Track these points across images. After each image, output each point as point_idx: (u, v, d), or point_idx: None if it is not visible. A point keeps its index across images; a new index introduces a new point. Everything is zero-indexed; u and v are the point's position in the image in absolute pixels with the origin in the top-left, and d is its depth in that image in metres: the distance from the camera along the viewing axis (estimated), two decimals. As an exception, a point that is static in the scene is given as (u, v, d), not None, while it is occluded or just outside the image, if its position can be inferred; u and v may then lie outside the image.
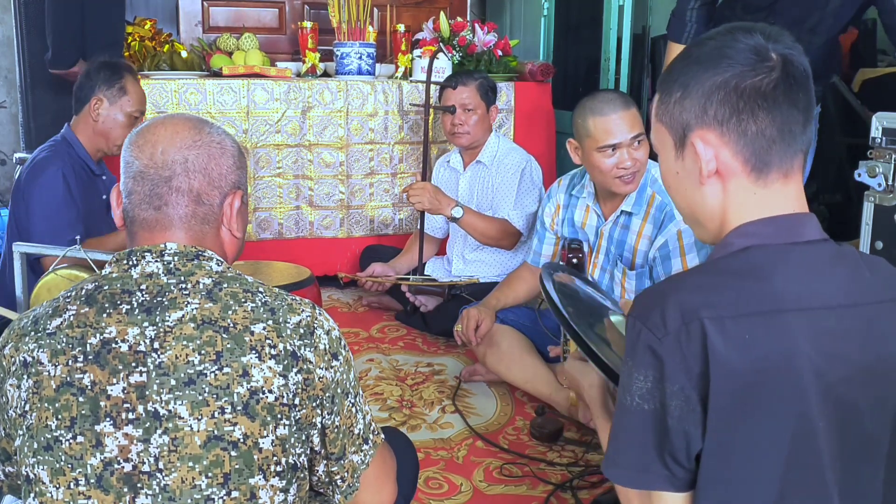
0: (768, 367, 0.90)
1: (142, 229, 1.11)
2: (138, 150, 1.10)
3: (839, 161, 3.85)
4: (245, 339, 1.03)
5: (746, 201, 0.99)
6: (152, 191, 1.09)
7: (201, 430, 0.99)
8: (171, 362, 1.00)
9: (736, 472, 0.91)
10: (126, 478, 0.99)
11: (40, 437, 1.01)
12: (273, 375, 1.02)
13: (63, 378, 1.01)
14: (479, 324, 2.51)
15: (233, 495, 1.01)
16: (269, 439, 1.02)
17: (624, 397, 0.96)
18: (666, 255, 2.21)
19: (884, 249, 1.90)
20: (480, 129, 3.08)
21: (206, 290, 1.05)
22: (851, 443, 0.95)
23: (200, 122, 1.14)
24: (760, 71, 0.96)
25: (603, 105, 2.21)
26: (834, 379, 0.93)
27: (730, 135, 0.98)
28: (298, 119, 3.45)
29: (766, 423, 0.90)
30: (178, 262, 1.07)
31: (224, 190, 1.13)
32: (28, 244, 2.07)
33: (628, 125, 2.19)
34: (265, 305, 1.07)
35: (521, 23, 5.03)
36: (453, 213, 2.88)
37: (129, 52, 3.53)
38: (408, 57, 3.65)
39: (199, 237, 1.11)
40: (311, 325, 1.09)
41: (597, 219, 2.39)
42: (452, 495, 1.98)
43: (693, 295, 0.94)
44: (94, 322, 1.03)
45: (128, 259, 1.08)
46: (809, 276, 0.95)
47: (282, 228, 3.53)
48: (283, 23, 4.31)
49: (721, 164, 0.99)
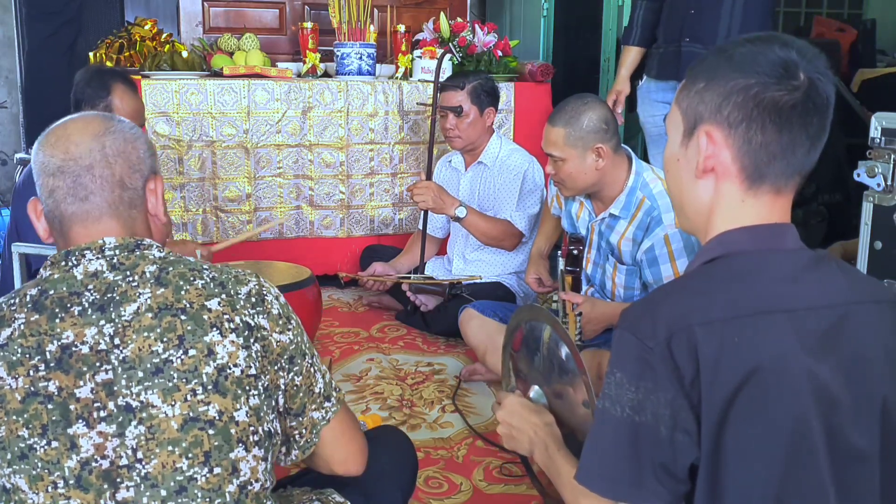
0: (760, 368, 0.90)
1: (73, 224, 1.08)
2: (51, 147, 1.08)
3: (838, 161, 3.85)
4: (204, 318, 1.04)
5: (733, 208, 1.01)
6: (75, 182, 1.07)
7: (176, 415, 1.00)
8: (136, 355, 1.01)
9: (734, 476, 0.91)
10: (105, 474, 1.00)
11: (13, 447, 1.00)
12: (236, 349, 1.04)
13: (27, 389, 1.00)
14: (542, 281, 2.57)
15: (215, 471, 1.02)
16: (244, 411, 1.04)
17: (613, 407, 0.95)
18: (653, 258, 2.20)
19: (883, 249, 1.90)
20: (473, 132, 3.07)
21: (154, 276, 1.05)
22: (845, 441, 0.95)
23: (106, 115, 1.13)
24: (784, 87, 0.95)
25: (555, 109, 2.28)
26: (823, 378, 0.93)
27: (735, 138, 0.98)
28: (299, 119, 3.45)
29: (763, 425, 0.90)
30: (120, 257, 1.06)
31: (144, 174, 1.12)
32: (27, 245, 2.07)
33: (546, 139, 2.25)
34: (214, 280, 1.08)
35: (521, 23, 5.04)
36: (457, 212, 2.89)
37: (129, 52, 3.54)
38: (408, 57, 3.66)
39: (130, 224, 1.10)
40: (261, 292, 1.11)
41: (588, 214, 2.40)
42: (452, 494, 1.98)
43: (680, 303, 0.95)
44: (47, 329, 1.02)
45: (66, 260, 1.06)
46: (792, 279, 0.97)
47: (282, 228, 3.53)
48: (284, 23, 4.31)
49: (719, 163, 1.00)
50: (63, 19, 3.77)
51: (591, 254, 2.40)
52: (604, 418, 0.97)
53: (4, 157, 4.56)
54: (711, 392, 0.90)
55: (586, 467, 0.99)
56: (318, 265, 3.41)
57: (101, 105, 2.41)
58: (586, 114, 2.19)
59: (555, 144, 2.22)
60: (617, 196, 2.27)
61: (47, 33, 3.79)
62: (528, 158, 3.08)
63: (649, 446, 0.93)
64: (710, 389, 0.90)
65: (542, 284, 2.54)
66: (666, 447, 0.92)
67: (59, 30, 3.78)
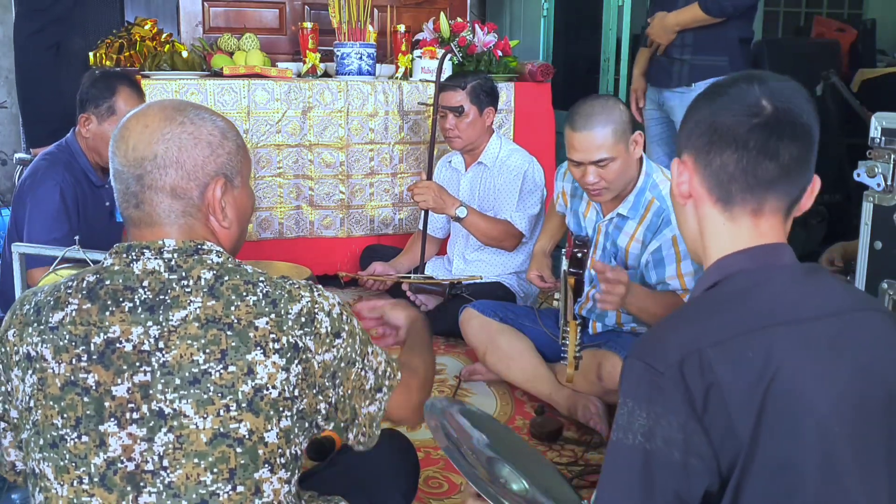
0: (779, 379, 0.91)
1: (131, 226, 1.10)
2: (115, 146, 1.09)
3: (838, 161, 3.86)
4: (249, 336, 1.02)
5: (719, 232, 1.06)
6: (127, 189, 1.08)
7: (207, 428, 1.00)
8: (176, 361, 1.00)
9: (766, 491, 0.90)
10: (129, 476, 1.00)
11: (46, 434, 1.01)
12: (277, 371, 1.03)
13: (67, 377, 1.01)
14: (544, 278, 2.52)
15: (238, 490, 1.01)
16: (274, 433, 1.03)
17: (625, 436, 0.95)
18: (659, 259, 2.20)
19: (883, 250, 1.90)
20: (473, 132, 3.07)
21: (209, 285, 1.04)
22: (865, 444, 0.95)
23: (174, 112, 1.09)
24: (742, 114, 1.02)
25: (576, 117, 2.15)
26: (837, 384, 0.94)
27: (699, 163, 1.06)
28: (299, 119, 3.45)
29: (791, 437, 0.91)
30: (178, 259, 1.05)
31: (202, 181, 1.09)
32: (26, 245, 2.07)
33: (589, 147, 2.13)
34: (266, 297, 1.06)
35: (521, 23, 5.04)
36: (457, 212, 2.89)
37: (129, 52, 3.54)
38: (408, 57, 3.65)
39: (187, 230, 1.09)
40: (312, 310, 1.08)
41: (596, 214, 2.39)
42: (452, 494, 1.98)
43: (688, 329, 0.97)
44: (97, 321, 1.02)
45: (127, 252, 1.06)
46: (794, 291, 1.01)
47: (282, 228, 3.53)
48: (284, 23, 4.31)
49: (693, 188, 1.08)
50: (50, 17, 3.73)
51: (595, 255, 2.39)
52: (616, 448, 0.97)
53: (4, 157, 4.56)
54: (733, 412, 0.90)
55: (601, 500, 0.98)
56: (318, 265, 3.41)
57: (104, 106, 2.41)
58: (616, 107, 2.17)
59: (603, 146, 2.12)
60: (626, 196, 2.25)
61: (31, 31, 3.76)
62: (527, 158, 3.08)
63: (662, 473, 0.92)
64: (731, 409, 0.90)
65: (544, 281, 2.53)
66: (679, 473, 0.92)
67: (46, 27, 3.74)
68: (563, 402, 2.35)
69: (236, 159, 1.13)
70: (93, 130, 2.43)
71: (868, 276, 1.91)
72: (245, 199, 1.17)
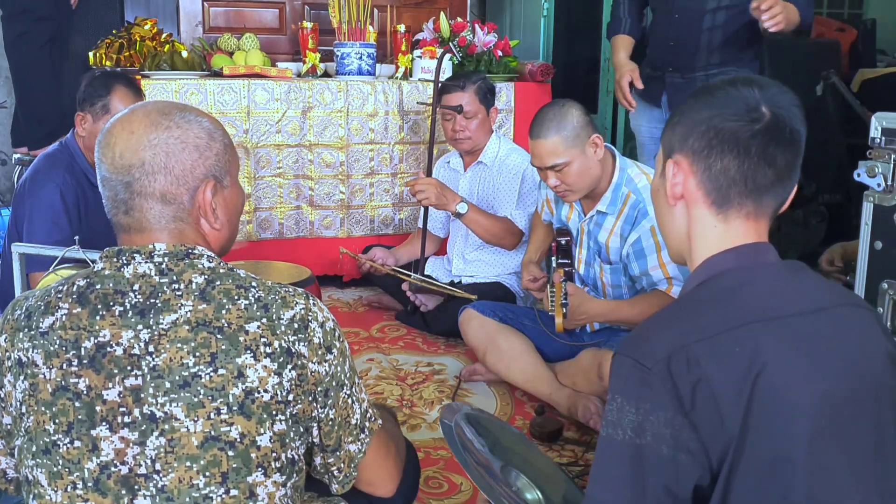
0: (766, 374, 0.91)
1: (121, 232, 1.09)
2: (101, 153, 1.07)
3: (838, 161, 3.86)
4: (240, 340, 1.02)
5: (708, 233, 1.07)
6: (116, 196, 1.07)
7: (198, 431, 0.99)
8: (166, 365, 1.00)
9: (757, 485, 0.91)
10: (123, 480, 1.00)
11: (39, 440, 1.01)
12: (268, 374, 1.02)
13: (58, 382, 1.01)
14: (536, 278, 2.53)
15: (231, 493, 1.01)
16: (267, 436, 1.03)
17: (615, 432, 0.96)
18: (640, 250, 2.24)
19: (883, 250, 1.90)
20: (481, 132, 3.09)
21: (199, 289, 1.04)
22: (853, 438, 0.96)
23: (159, 116, 1.07)
24: (744, 119, 1.03)
25: (533, 125, 2.27)
26: (824, 379, 0.95)
27: (698, 166, 1.06)
28: (299, 119, 3.45)
29: (777, 431, 0.91)
30: (169, 263, 1.05)
31: (192, 185, 1.08)
32: (26, 245, 2.07)
33: (542, 154, 2.24)
34: (259, 301, 1.05)
35: (521, 23, 5.04)
36: (458, 208, 2.89)
37: (129, 52, 3.54)
38: (408, 57, 3.66)
39: (177, 235, 1.08)
40: (305, 318, 1.07)
41: (577, 215, 2.42)
42: (452, 494, 1.98)
43: (675, 326, 0.98)
44: (87, 325, 1.02)
45: (118, 257, 1.06)
46: (779, 288, 1.02)
47: (282, 228, 3.53)
48: (284, 23, 4.31)
49: (687, 190, 1.08)
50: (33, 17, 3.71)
51: (582, 254, 2.43)
52: (606, 444, 0.97)
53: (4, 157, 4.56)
54: (722, 407, 0.90)
55: (591, 496, 0.98)
56: (318, 265, 3.41)
57: (98, 104, 2.41)
58: (569, 112, 2.24)
59: (554, 153, 2.23)
60: (604, 193, 2.31)
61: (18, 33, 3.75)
62: (526, 158, 3.08)
63: (652, 468, 0.93)
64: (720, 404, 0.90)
65: (536, 281, 2.54)
66: (669, 467, 0.92)
67: (31, 28, 3.72)
68: (563, 402, 2.35)
69: (224, 159, 1.12)
70: (88, 129, 2.43)
71: (868, 276, 1.91)
72: (235, 198, 1.16)
